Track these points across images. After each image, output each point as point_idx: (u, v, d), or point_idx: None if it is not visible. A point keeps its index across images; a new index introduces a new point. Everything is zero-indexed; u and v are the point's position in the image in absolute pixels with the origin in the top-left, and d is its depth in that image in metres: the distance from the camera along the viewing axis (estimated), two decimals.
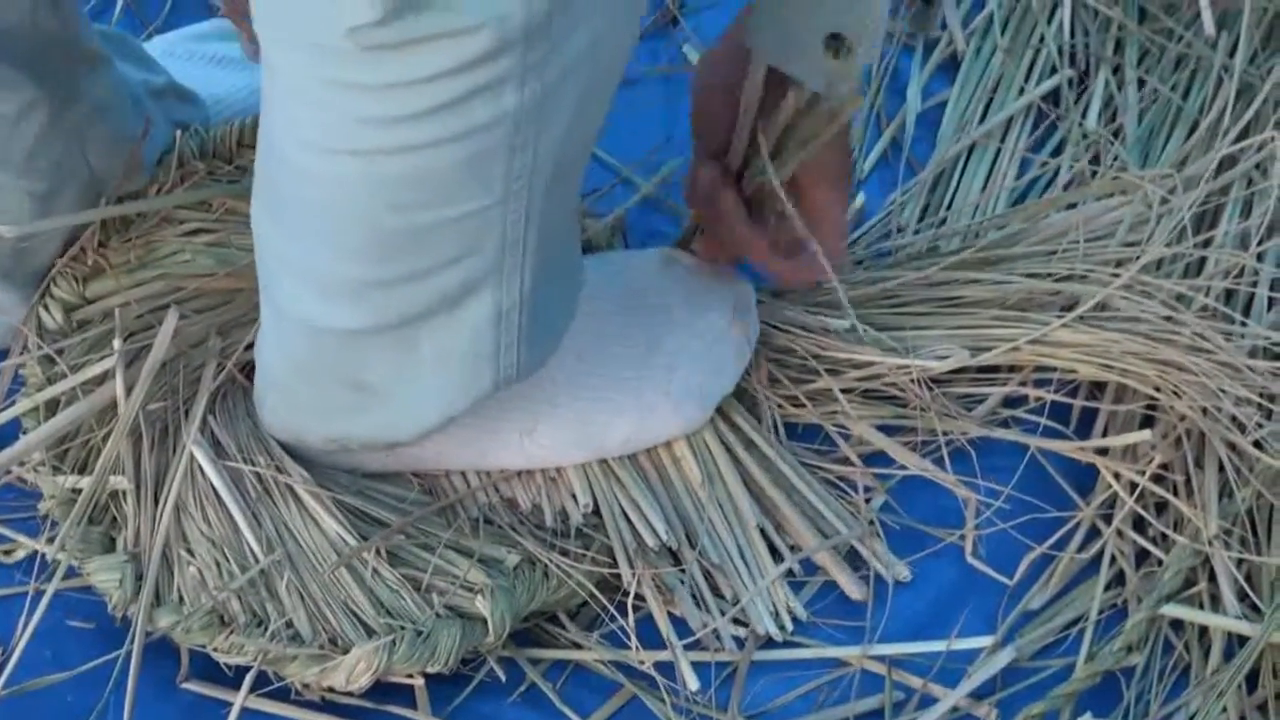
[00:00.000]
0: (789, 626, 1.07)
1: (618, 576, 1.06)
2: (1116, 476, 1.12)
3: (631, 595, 1.04)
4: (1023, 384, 1.15)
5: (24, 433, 1.08)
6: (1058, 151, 1.31)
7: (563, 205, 0.94)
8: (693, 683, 1.03)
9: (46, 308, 1.12)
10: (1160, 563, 1.09)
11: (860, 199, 1.28)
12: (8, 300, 1.11)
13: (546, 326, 1.00)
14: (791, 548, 1.10)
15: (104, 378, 1.08)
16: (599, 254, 1.17)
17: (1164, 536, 1.10)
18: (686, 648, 1.05)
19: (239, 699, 0.99)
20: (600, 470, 1.10)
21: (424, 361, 0.96)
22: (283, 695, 1.02)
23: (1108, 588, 1.09)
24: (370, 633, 1.01)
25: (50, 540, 1.04)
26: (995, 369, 1.16)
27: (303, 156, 0.87)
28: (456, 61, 0.80)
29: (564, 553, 1.05)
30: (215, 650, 1.00)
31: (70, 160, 1.07)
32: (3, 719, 1.00)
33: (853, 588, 1.09)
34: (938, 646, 1.06)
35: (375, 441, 1.04)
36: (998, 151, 1.30)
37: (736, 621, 1.06)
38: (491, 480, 1.09)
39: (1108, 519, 1.11)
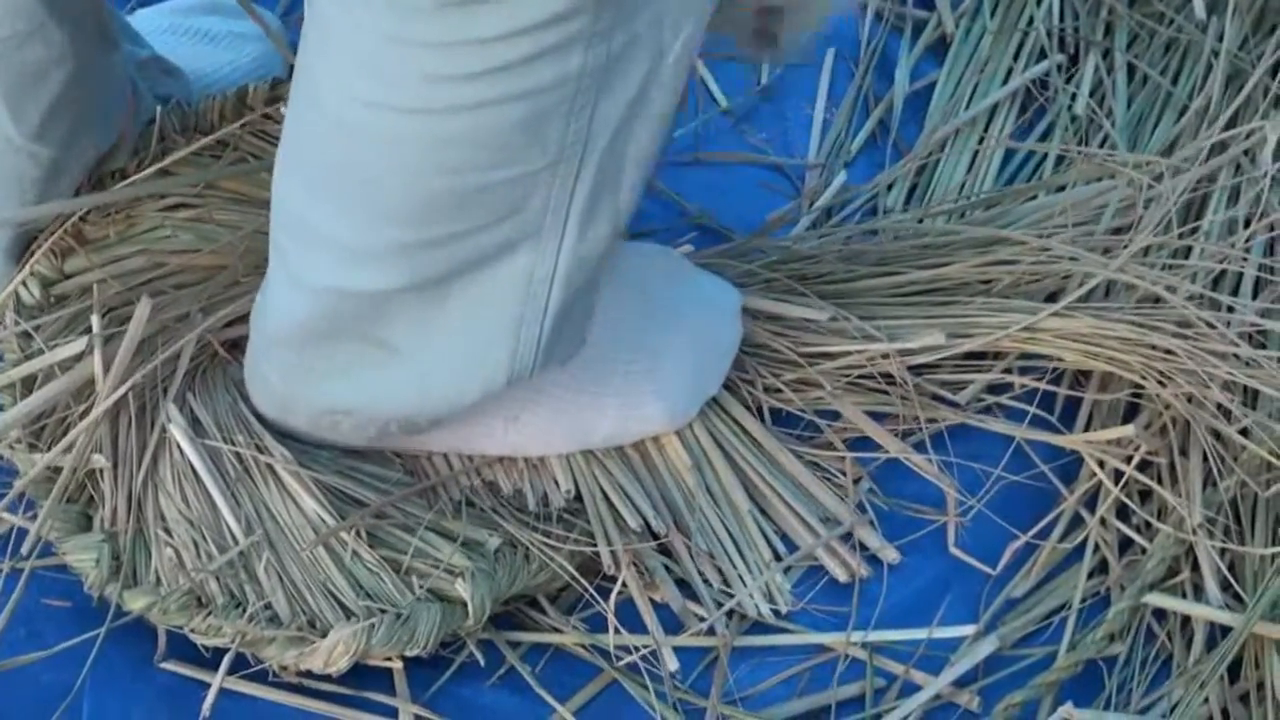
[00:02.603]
0: (784, 608, 1.06)
1: (599, 560, 1.06)
2: (1100, 465, 1.11)
3: (619, 581, 1.04)
4: (1007, 370, 1.15)
5: (0, 408, 1.06)
6: (1046, 135, 1.30)
7: (614, 189, 0.92)
8: (672, 663, 1.03)
9: (25, 283, 1.11)
10: (1144, 551, 1.09)
11: (842, 176, 1.27)
12: (3, 270, 1.10)
13: (571, 324, 0.99)
14: (780, 534, 1.10)
15: (81, 355, 1.06)
16: None
17: (1147, 525, 1.10)
18: (669, 633, 1.04)
19: (216, 681, 0.99)
20: (583, 456, 1.09)
21: (449, 318, 0.95)
22: (261, 677, 1.01)
23: (1090, 576, 1.09)
24: (349, 615, 1.00)
25: (31, 518, 1.03)
26: (980, 355, 1.15)
27: (358, 114, 0.86)
28: (530, 20, 0.81)
29: (545, 536, 1.05)
30: (193, 632, 1.00)
31: (78, 131, 1.06)
32: None
33: (840, 571, 1.08)
34: (920, 634, 1.06)
35: (378, 411, 1.02)
36: (984, 135, 1.29)
37: (718, 604, 1.06)
38: (474, 464, 1.08)
39: (1091, 506, 1.11)
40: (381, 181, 0.89)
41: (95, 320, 1.06)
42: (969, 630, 1.07)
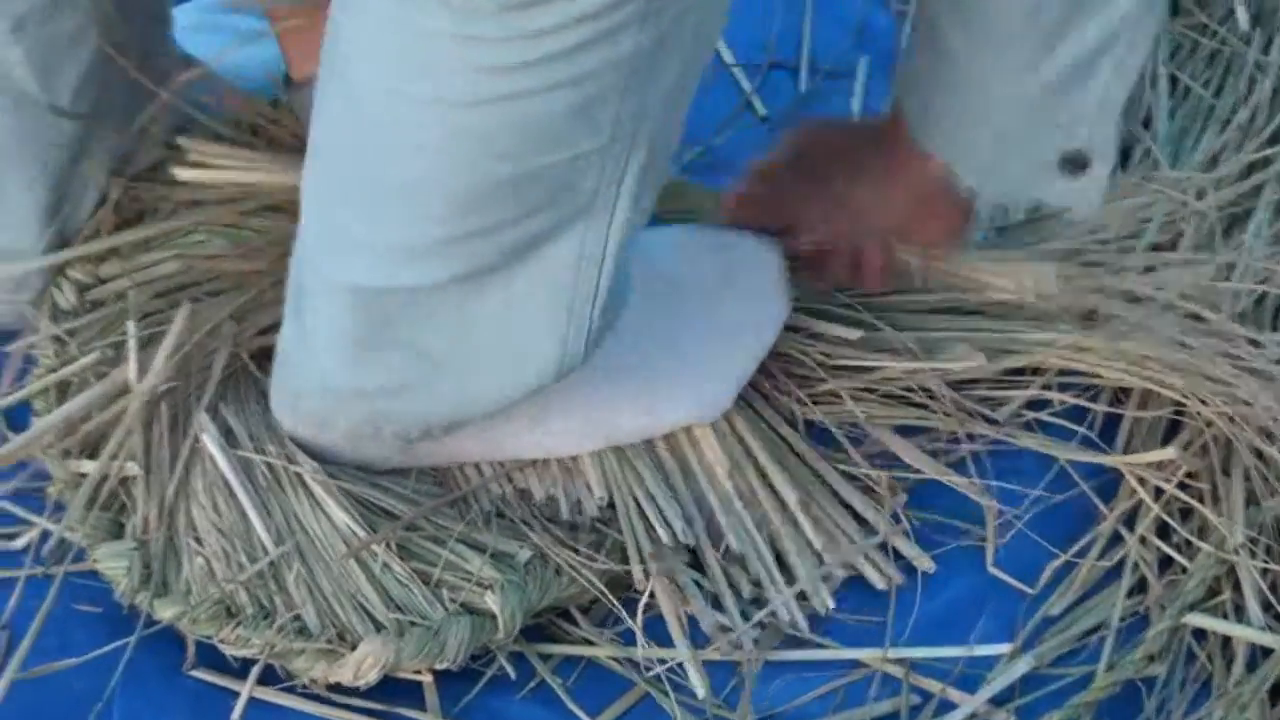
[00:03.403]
0: (825, 608, 1.05)
1: (631, 572, 1.04)
2: (1141, 482, 1.09)
3: (646, 593, 1.02)
4: (1046, 387, 1.12)
5: (35, 413, 1.06)
6: None
7: (661, 165, 0.92)
8: (701, 689, 1.01)
9: (60, 287, 1.10)
10: (1184, 570, 1.07)
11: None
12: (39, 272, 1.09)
13: (614, 309, 0.97)
14: (813, 544, 1.08)
15: (116, 361, 1.06)
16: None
17: (1188, 544, 1.08)
18: (704, 645, 1.03)
19: (244, 692, 0.98)
20: (617, 461, 1.07)
21: (495, 311, 0.93)
22: (291, 688, 0.99)
23: (1129, 595, 1.07)
24: (379, 627, 0.99)
25: (66, 528, 1.02)
26: (1018, 371, 1.13)
27: (405, 112, 0.85)
28: (588, 8, 0.80)
29: (576, 547, 1.03)
30: (222, 642, 0.98)
31: (107, 106, 1.05)
32: (8, 706, 0.97)
33: (877, 579, 1.07)
34: (957, 652, 1.04)
35: (423, 416, 1.00)
36: None
37: (745, 617, 1.04)
38: (505, 470, 1.07)
39: (1130, 524, 1.09)
40: (427, 178, 0.87)
41: (131, 326, 1.05)
42: (1005, 648, 1.05)
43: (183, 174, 1.12)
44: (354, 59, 0.86)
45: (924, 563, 1.07)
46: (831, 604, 1.05)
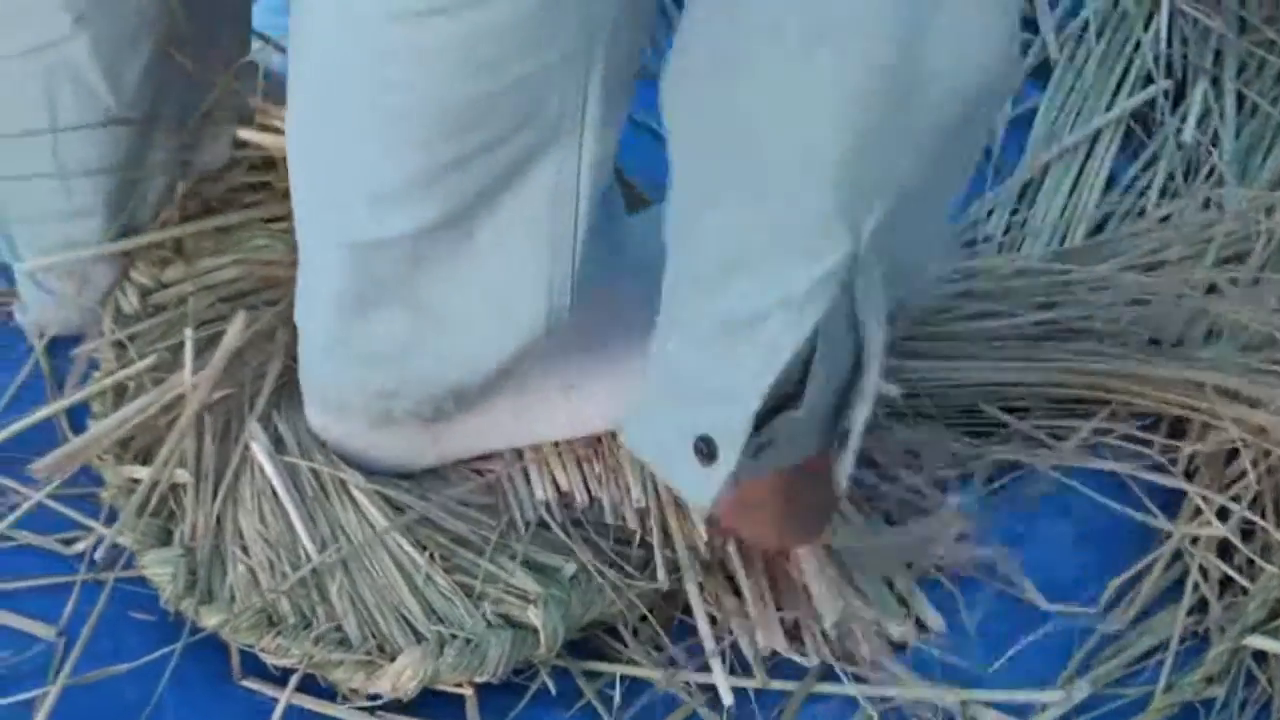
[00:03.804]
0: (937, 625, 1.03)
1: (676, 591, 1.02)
2: (1204, 501, 1.07)
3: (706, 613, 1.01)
4: (1112, 415, 1.10)
5: (92, 416, 1.06)
6: (1150, 164, 1.26)
7: (624, 89, 0.90)
8: (727, 698, 0.99)
9: (124, 290, 1.10)
10: (1245, 591, 1.05)
11: None
12: (102, 272, 1.09)
13: (599, 248, 0.95)
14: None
15: (173, 366, 1.06)
16: (650, 209, 1.12)
17: (1250, 563, 1.05)
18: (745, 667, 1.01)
19: (282, 700, 0.97)
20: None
21: (480, 255, 0.92)
22: (333, 697, 0.99)
23: (1189, 614, 1.05)
24: (420, 639, 0.98)
25: (117, 533, 1.02)
26: (1079, 400, 1.11)
27: (371, 30, 0.84)
28: None
29: (625, 564, 1.01)
30: (263, 651, 0.98)
31: (169, 97, 1.05)
32: (63, 712, 0.97)
33: (930, 615, 1.04)
34: (1017, 695, 1.01)
35: (427, 383, 0.99)
36: (1084, 162, 1.25)
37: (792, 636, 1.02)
38: (549, 469, 1.05)
39: (1191, 544, 1.07)
40: (404, 104, 0.86)
41: (188, 332, 1.05)
42: (1061, 671, 1.03)
43: (244, 133, 1.12)
44: None
45: (935, 622, 1.04)
46: (913, 634, 1.03)
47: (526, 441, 1.05)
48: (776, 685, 1.01)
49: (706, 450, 0.86)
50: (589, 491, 1.05)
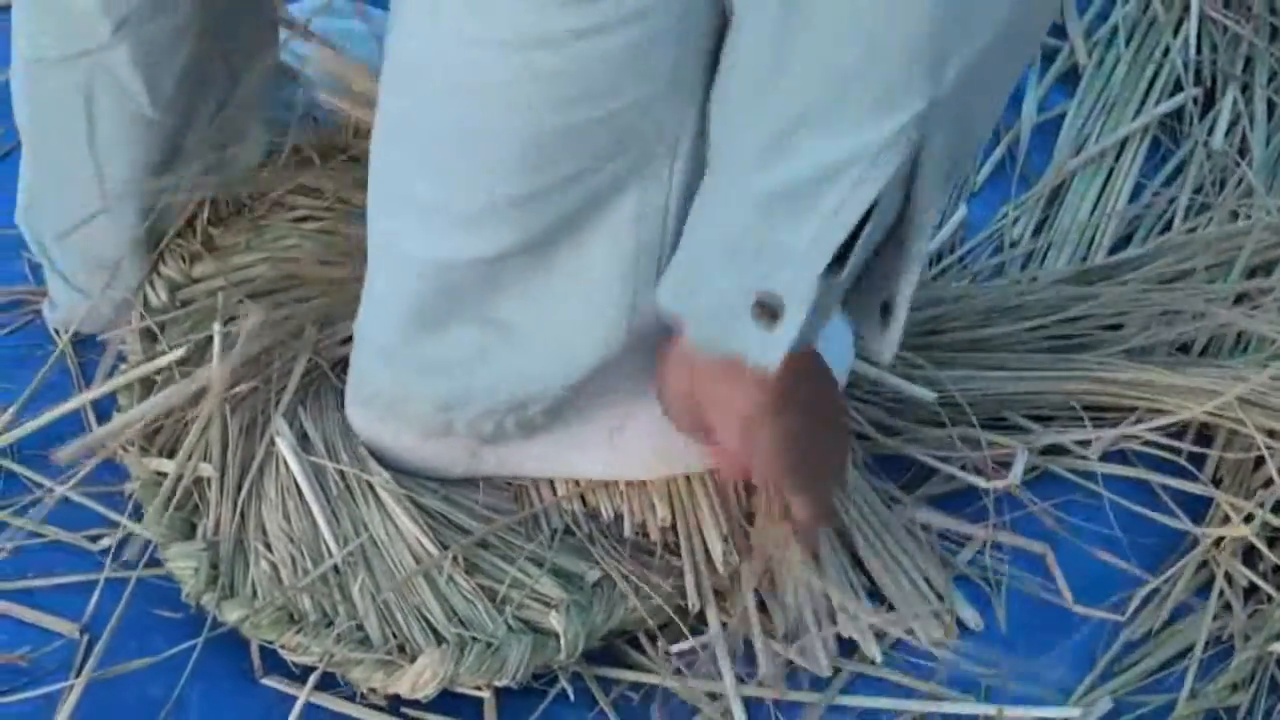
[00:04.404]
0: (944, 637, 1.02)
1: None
2: (1231, 507, 1.05)
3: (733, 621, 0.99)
4: (1137, 421, 1.09)
5: (118, 408, 1.05)
6: (1179, 171, 1.24)
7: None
8: (738, 709, 0.98)
9: (153, 284, 1.09)
10: (1270, 599, 1.03)
11: (962, 211, 1.21)
12: (131, 268, 1.08)
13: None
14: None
15: (200, 361, 1.05)
16: None
17: (1276, 570, 1.04)
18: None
19: (301, 698, 0.96)
20: (685, 484, 1.04)
21: (561, 275, 0.90)
22: (352, 696, 0.98)
23: (1214, 620, 1.03)
24: (440, 640, 0.96)
25: (144, 527, 1.02)
26: (1106, 407, 1.09)
27: (468, 57, 0.82)
28: None
29: (645, 573, 1.00)
30: (283, 648, 0.97)
31: (203, 99, 1.04)
32: (87, 708, 0.96)
33: (968, 614, 1.03)
34: (1050, 714, 1.00)
35: (495, 395, 0.97)
36: (1111, 169, 1.23)
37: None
38: (578, 489, 1.04)
39: (1216, 550, 1.05)
40: (494, 131, 0.85)
41: (216, 326, 1.04)
42: (1085, 677, 1.01)
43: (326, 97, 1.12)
44: (417, 13, 0.84)
45: (973, 618, 1.03)
46: (966, 622, 1.02)
47: (561, 475, 1.04)
48: (794, 696, 1.00)
49: (769, 311, 0.82)
50: (613, 506, 1.04)
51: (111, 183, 1.04)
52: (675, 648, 1.00)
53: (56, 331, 1.11)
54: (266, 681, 0.98)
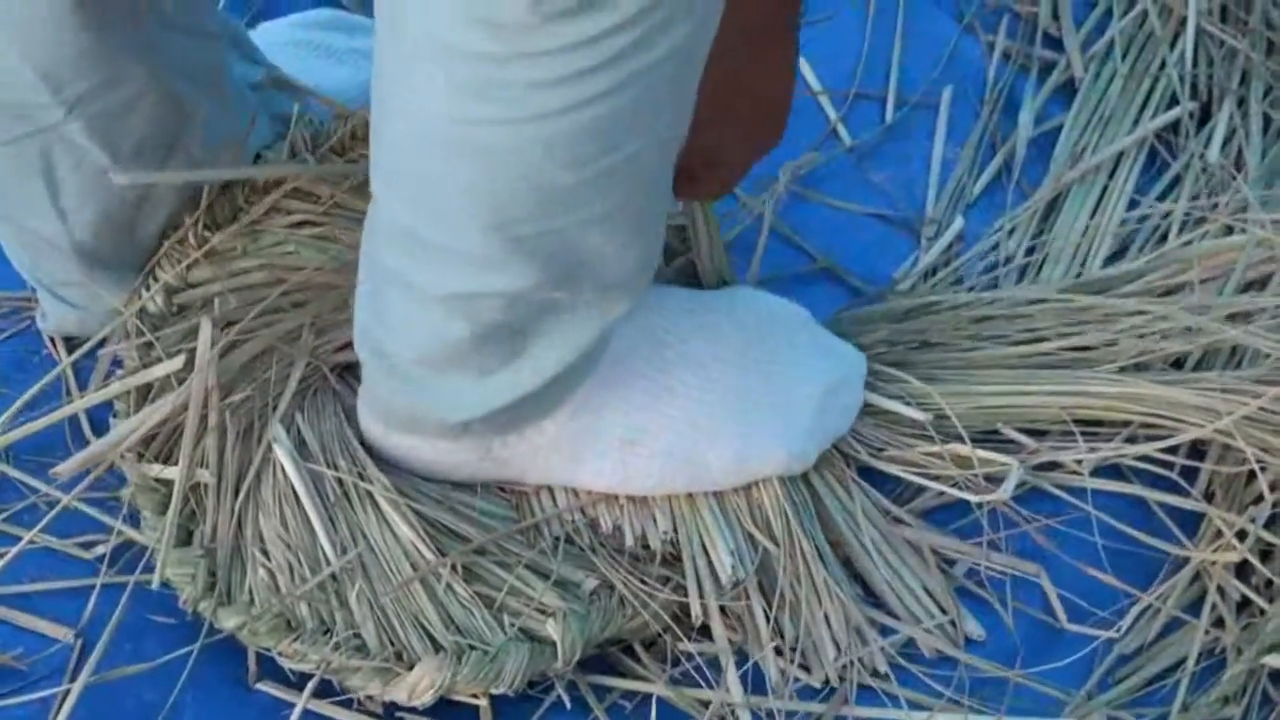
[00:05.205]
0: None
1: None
2: (1223, 522, 1.05)
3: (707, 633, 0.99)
4: (1129, 439, 1.08)
5: (114, 414, 1.04)
6: (1174, 185, 1.23)
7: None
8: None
9: (149, 289, 1.08)
10: (1262, 612, 1.03)
11: (959, 223, 1.21)
12: (106, 283, 1.07)
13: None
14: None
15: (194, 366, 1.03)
16: (733, 288, 1.11)
17: (1268, 584, 1.03)
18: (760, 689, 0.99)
19: (299, 706, 0.95)
20: (685, 497, 1.03)
21: (580, 302, 0.91)
22: (349, 703, 0.97)
23: (1206, 634, 1.03)
24: (438, 648, 0.96)
25: (143, 532, 1.01)
26: (1098, 422, 1.08)
27: (465, 133, 0.82)
28: (638, 7, 0.76)
29: (643, 580, 0.99)
30: (280, 655, 0.96)
31: (175, 154, 1.03)
32: (83, 714, 0.96)
33: (971, 625, 1.03)
34: None
35: (513, 396, 0.96)
36: (1107, 183, 1.22)
37: (803, 666, 1.00)
38: (579, 502, 1.03)
39: (1209, 564, 1.05)
40: (495, 189, 0.84)
41: (205, 330, 1.01)
42: (1080, 690, 1.01)
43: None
44: (407, 89, 0.83)
45: (975, 630, 1.03)
46: (971, 634, 1.02)
47: (566, 484, 1.03)
48: (793, 706, 0.99)
49: None
50: (612, 518, 1.03)
51: (81, 231, 1.03)
52: (673, 657, 1.00)
53: (52, 340, 1.11)
54: (262, 688, 0.98)
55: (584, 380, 0.99)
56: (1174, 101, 1.26)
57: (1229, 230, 1.14)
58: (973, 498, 1.04)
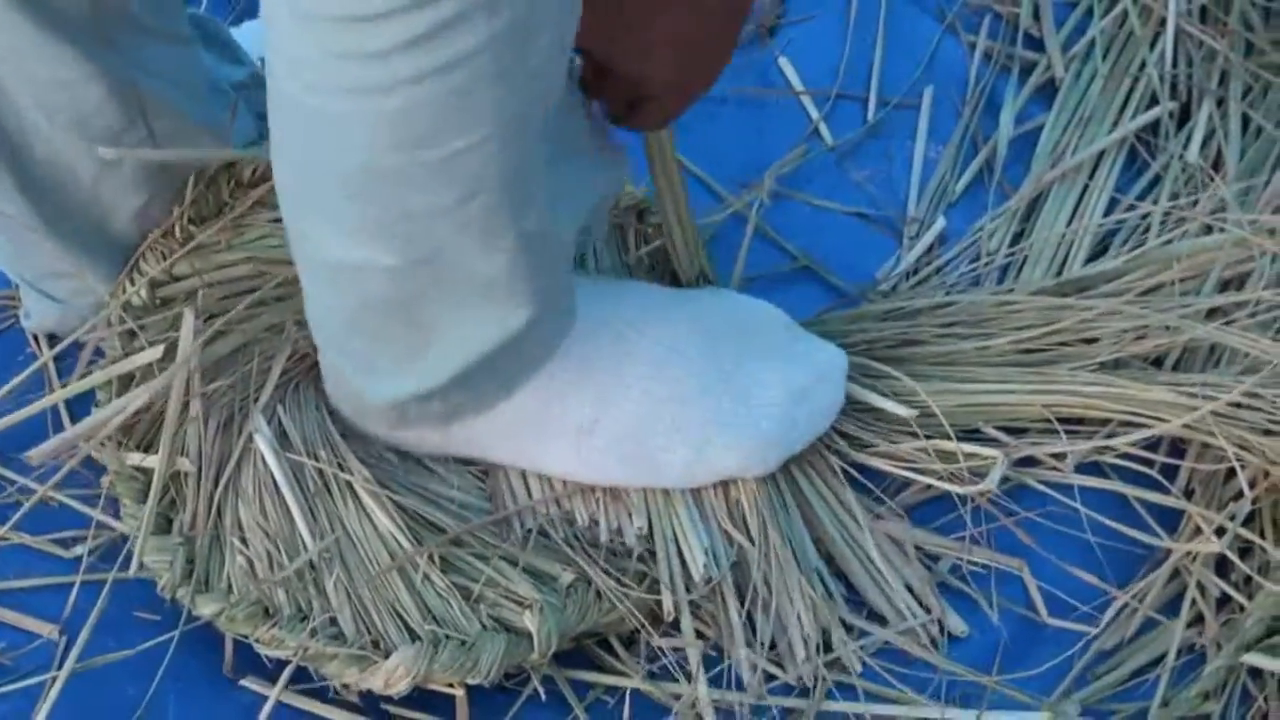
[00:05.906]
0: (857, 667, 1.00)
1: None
2: (1203, 519, 1.04)
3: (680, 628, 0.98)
4: (1109, 436, 1.07)
5: (97, 405, 1.03)
6: (1154, 184, 1.23)
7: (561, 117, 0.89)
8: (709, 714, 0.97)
9: (133, 282, 1.08)
10: (1242, 609, 1.02)
11: (940, 222, 1.21)
12: (94, 274, 1.07)
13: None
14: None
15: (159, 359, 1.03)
16: (712, 288, 1.11)
17: (1247, 581, 1.03)
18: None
19: (274, 693, 0.95)
20: (661, 493, 1.03)
21: (462, 288, 0.91)
22: (323, 694, 0.97)
23: (1186, 630, 1.02)
24: (414, 637, 0.95)
25: (123, 520, 1.00)
26: (1079, 419, 1.08)
27: (306, 98, 0.84)
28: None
29: (621, 575, 0.99)
30: (257, 642, 0.95)
31: (133, 131, 1.02)
32: (65, 709, 0.95)
33: (953, 620, 1.03)
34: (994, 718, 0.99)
35: (422, 386, 0.97)
36: (1087, 183, 1.21)
37: (776, 663, 1.00)
38: (553, 494, 1.02)
39: (1189, 561, 1.04)
40: (348, 160, 0.85)
41: (188, 322, 1.01)
42: (1059, 685, 1.01)
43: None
44: (275, 54, 0.84)
45: (958, 625, 1.03)
46: (953, 629, 1.02)
47: (530, 467, 1.03)
48: (767, 701, 0.99)
49: None
50: (588, 512, 1.03)
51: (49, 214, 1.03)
52: (649, 652, 0.99)
53: (35, 337, 1.10)
54: (244, 683, 0.97)
55: (540, 367, 0.98)
56: (1154, 101, 1.25)
57: (1208, 230, 1.14)
58: (958, 489, 1.03)
